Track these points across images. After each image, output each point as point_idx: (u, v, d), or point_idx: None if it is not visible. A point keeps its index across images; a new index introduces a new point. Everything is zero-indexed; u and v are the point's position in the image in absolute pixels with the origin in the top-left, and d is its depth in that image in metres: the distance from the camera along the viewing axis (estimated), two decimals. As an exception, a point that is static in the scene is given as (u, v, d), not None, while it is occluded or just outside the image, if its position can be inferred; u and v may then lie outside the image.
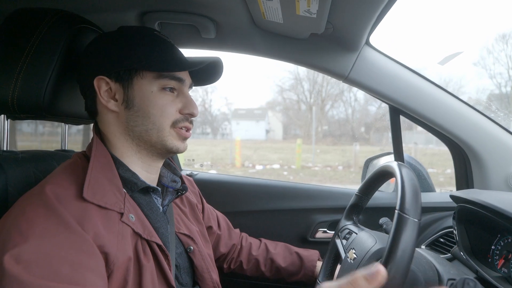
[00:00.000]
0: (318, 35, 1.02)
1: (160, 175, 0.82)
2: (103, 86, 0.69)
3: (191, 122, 0.76)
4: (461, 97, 1.15)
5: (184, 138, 0.75)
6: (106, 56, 0.70)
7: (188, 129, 0.75)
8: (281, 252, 1.10)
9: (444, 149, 1.30)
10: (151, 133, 0.70)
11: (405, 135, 1.29)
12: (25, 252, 0.51)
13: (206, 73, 0.81)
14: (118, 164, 0.70)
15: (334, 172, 9.46)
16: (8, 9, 0.80)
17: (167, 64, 0.70)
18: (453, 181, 1.29)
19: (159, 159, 0.76)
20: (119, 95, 0.70)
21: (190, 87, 0.79)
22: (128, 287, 0.61)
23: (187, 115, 0.74)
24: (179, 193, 0.81)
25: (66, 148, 0.99)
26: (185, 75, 0.74)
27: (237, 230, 1.15)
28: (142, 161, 0.73)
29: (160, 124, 0.70)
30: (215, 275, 0.86)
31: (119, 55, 0.69)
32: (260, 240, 1.15)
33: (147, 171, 0.75)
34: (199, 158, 10.07)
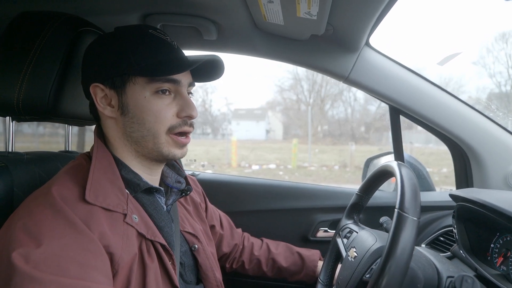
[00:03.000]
0: (319, 36, 1.03)
1: (164, 175, 0.83)
2: (99, 93, 0.69)
3: (190, 125, 0.72)
4: (461, 96, 1.16)
5: (182, 145, 0.72)
6: (99, 62, 0.69)
7: (187, 135, 0.72)
8: (282, 252, 1.11)
9: (442, 148, 1.31)
10: (147, 139, 0.69)
11: (405, 135, 1.30)
12: (33, 252, 0.51)
13: (206, 71, 0.76)
14: (121, 165, 0.70)
15: (330, 171, 9.41)
16: (12, 12, 0.81)
17: (157, 68, 0.67)
18: (448, 180, 1.30)
19: (159, 163, 0.75)
20: (114, 101, 0.69)
21: (191, 85, 0.75)
22: (131, 287, 0.61)
23: (186, 118, 0.71)
24: (183, 193, 0.82)
25: (69, 149, 1.00)
26: (181, 76, 0.70)
27: (239, 230, 1.15)
28: (142, 164, 0.73)
29: (155, 130, 0.68)
30: (218, 274, 0.86)
31: (111, 61, 0.67)
32: (262, 240, 1.16)
33: (148, 174, 0.75)
34: (196, 158, 10.05)
